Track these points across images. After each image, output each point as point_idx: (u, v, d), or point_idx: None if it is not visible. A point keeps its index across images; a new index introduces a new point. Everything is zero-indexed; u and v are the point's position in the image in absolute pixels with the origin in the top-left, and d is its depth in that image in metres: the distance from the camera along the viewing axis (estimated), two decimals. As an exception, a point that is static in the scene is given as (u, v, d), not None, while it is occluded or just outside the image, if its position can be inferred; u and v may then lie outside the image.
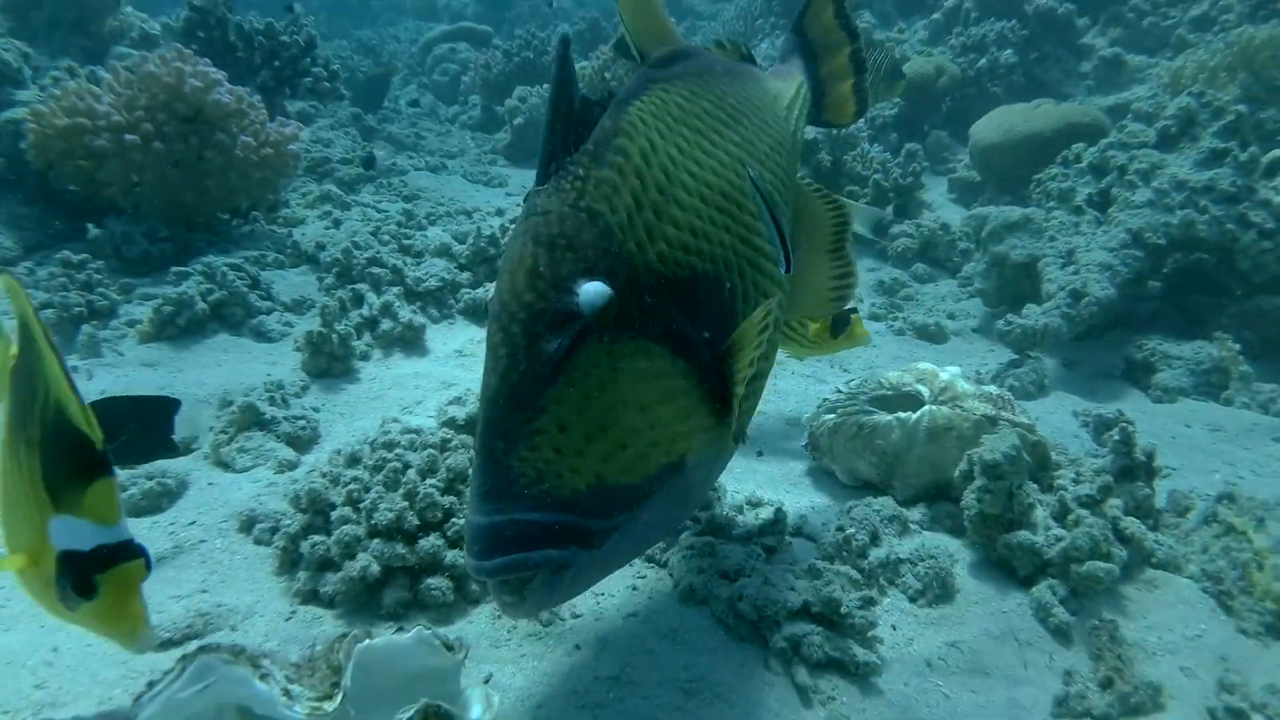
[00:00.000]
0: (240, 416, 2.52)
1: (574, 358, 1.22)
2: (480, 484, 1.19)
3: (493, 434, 1.20)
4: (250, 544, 2.08)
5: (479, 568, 1.18)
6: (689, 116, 1.52)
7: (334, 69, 5.34)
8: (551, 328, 1.20)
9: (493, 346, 1.23)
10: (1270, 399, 3.23)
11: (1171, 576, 2.12)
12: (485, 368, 1.25)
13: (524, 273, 1.22)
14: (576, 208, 1.28)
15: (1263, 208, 3.45)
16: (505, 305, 1.22)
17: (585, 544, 1.21)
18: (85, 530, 1.00)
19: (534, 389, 1.21)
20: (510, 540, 1.18)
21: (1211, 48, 5.15)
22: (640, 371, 1.29)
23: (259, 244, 4.06)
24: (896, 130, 6.51)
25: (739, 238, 1.54)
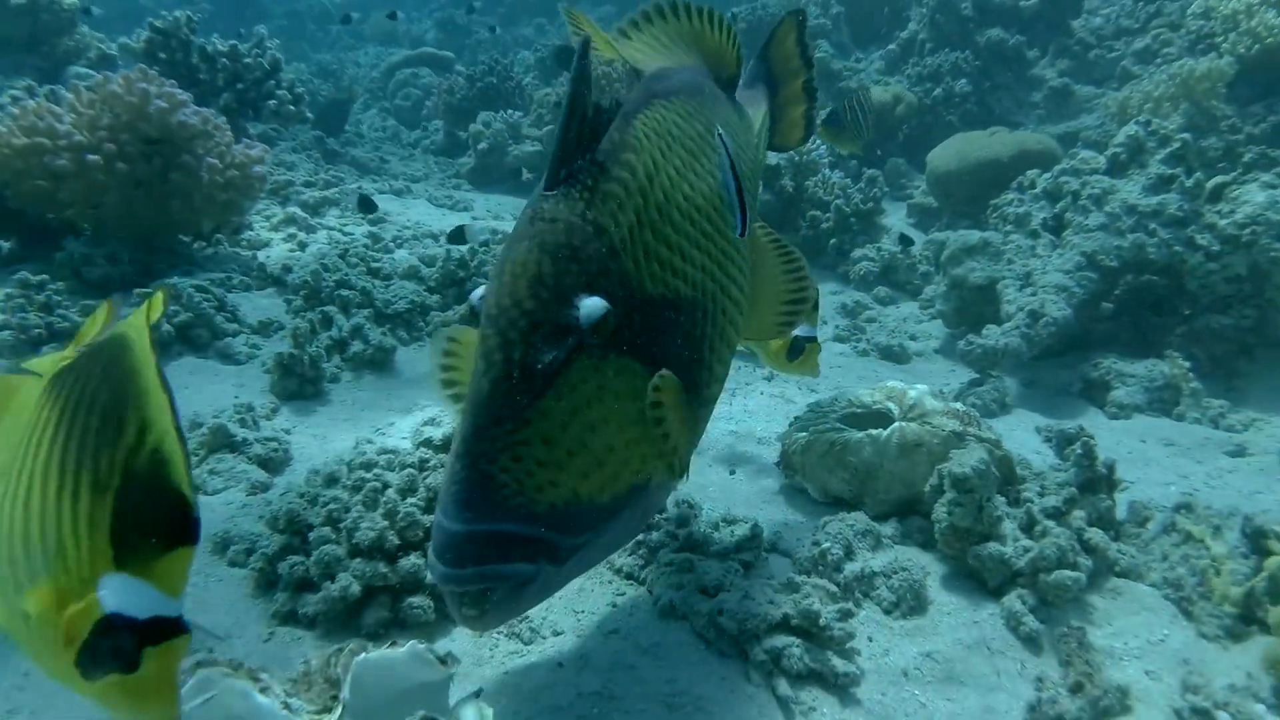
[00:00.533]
0: (211, 438, 2.50)
1: (566, 372, 1.21)
2: (458, 490, 1.17)
3: (477, 439, 1.18)
4: (225, 566, 2.05)
5: (451, 575, 1.16)
6: (684, 137, 1.54)
7: (298, 92, 5.32)
8: (549, 339, 1.19)
9: (487, 351, 1.20)
10: (1220, 414, 3.35)
11: (1134, 584, 2.19)
12: (475, 370, 1.22)
13: (527, 280, 1.20)
14: (584, 219, 1.27)
15: (1208, 231, 3.60)
16: (505, 311, 1.20)
17: (553, 559, 1.21)
18: (147, 597, 0.86)
19: (524, 400, 1.20)
20: (484, 551, 1.16)
21: (1155, 79, 5.37)
22: (623, 390, 1.29)
23: (223, 266, 4.02)
24: (856, 159, 6.66)
25: (716, 262, 1.57)
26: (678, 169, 1.47)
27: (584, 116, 1.31)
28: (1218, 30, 5.51)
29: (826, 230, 5.32)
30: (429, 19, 14.97)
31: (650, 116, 1.47)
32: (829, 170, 5.89)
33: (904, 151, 6.72)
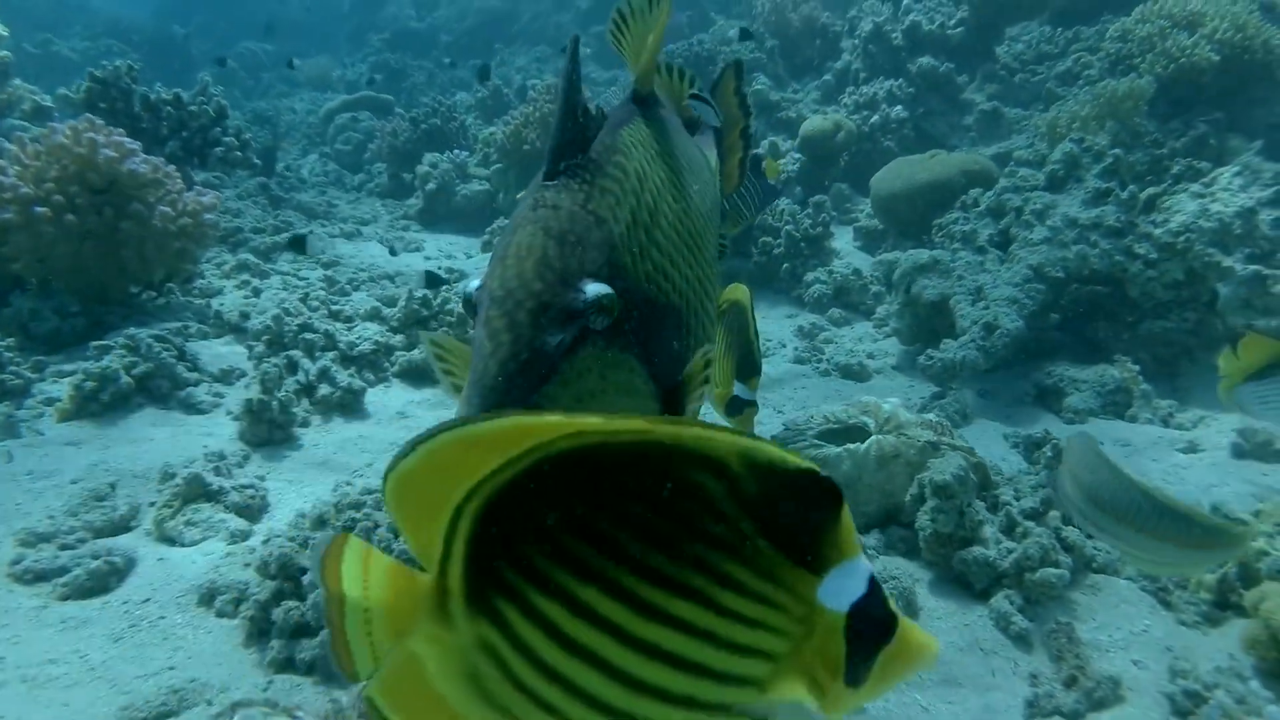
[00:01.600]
0: (185, 488, 2.44)
1: (571, 358, 1.19)
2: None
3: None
4: (213, 617, 2.00)
5: None
6: (665, 155, 1.58)
7: (245, 138, 5.27)
8: (555, 321, 1.17)
9: (493, 333, 1.16)
10: (1169, 413, 3.49)
11: (1112, 579, 2.27)
12: (481, 353, 1.16)
13: (533, 262, 1.18)
14: (585, 209, 1.28)
15: (1145, 240, 3.77)
16: (511, 292, 1.16)
17: None
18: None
19: (532, 382, 1.16)
20: None
21: (1080, 99, 5.62)
22: (622, 385, 1.27)
23: (177, 316, 3.94)
24: (800, 184, 6.81)
25: (698, 279, 1.61)
26: (660, 181, 1.51)
27: (577, 113, 1.31)
28: (1135, 51, 5.80)
29: (778, 256, 5.43)
30: (364, 64, 14.92)
31: (635, 130, 1.49)
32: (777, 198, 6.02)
33: (847, 177, 6.90)
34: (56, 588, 2.07)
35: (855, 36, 7.85)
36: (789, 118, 7.74)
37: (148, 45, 14.78)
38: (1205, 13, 5.66)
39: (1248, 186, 3.81)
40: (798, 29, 9.13)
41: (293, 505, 2.59)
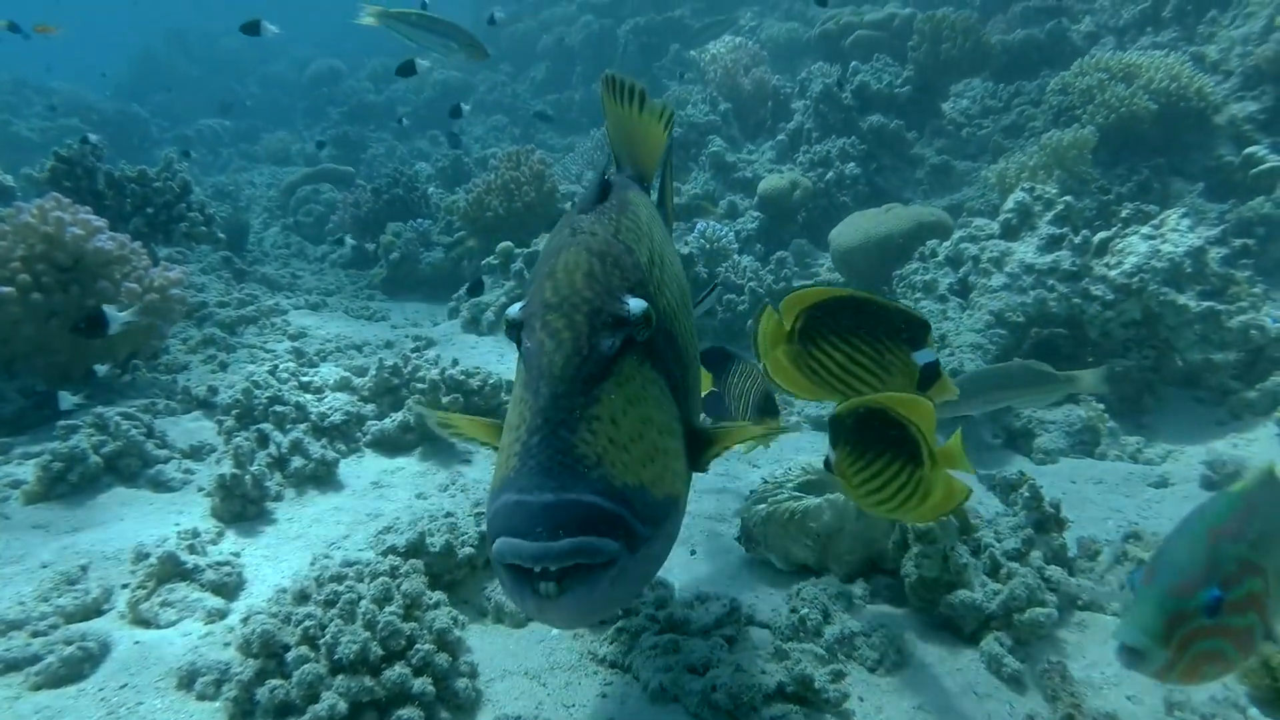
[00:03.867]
0: (160, 568, 2.38)
1: (621, 362, 1.31)
2: (540, 459, 1.17)
3: (555, 409, 1.21)
4: (194, 700, 1.94)
5: (543, 550, 1.10)
6: (655, 222, 1.71)
7: (209, 213, 5.26)
8: (606, 327, 1.30)
9: (554, 332, 1.28)
10: (1137, 450, 3.57)
11: (1097, 615, 2.28)
12: (542, 351, 1.27)
13: (582, 274, 1.34)
14: (617, 238, 1.45)
15: (1101, 282, 3.89)
16: (566, 298, 1.31)
17: (630, 545, 1.18)
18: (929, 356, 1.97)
19: (595, 375, 1.27)
20: (575, 522, 1.12)
21: (1027, 150, 5.84)
22: (657, 399, 1.38)
23: (144, 393, 3.88)
24: (760, 242, 6.94)
25: (689, 331, 1.68)
26: (661, 239, 1.65)
27: (606, 173, 1.60)
28: (1076, 103, 6.06)
29: (743, 313, 5.50)
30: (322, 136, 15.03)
31: (639, 195, 1.71)
32: (738, 255, 6.12)
33: (805, 232, 7.03)
34: (29, 677, 2.00)
35: (806, 97, 8.09)
36: (745, 177, 7.91)
37: (107, 124, 14.77)
38: (1140, 64, 5.94)
39: (1195, 226, 3.97)
40: (749, 92, 9.39)
41: (270, 581, 2.54)
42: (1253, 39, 6.35)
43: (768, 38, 11.55)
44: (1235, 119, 6.01)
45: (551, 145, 12.84)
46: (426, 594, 2.10)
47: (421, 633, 1.98)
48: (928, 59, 7.98)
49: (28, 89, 16.43)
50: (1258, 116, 6.00)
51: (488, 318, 5.77)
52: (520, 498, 1.15)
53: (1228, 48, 6.54)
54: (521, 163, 7.00)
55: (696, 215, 6.89)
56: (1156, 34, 7.60)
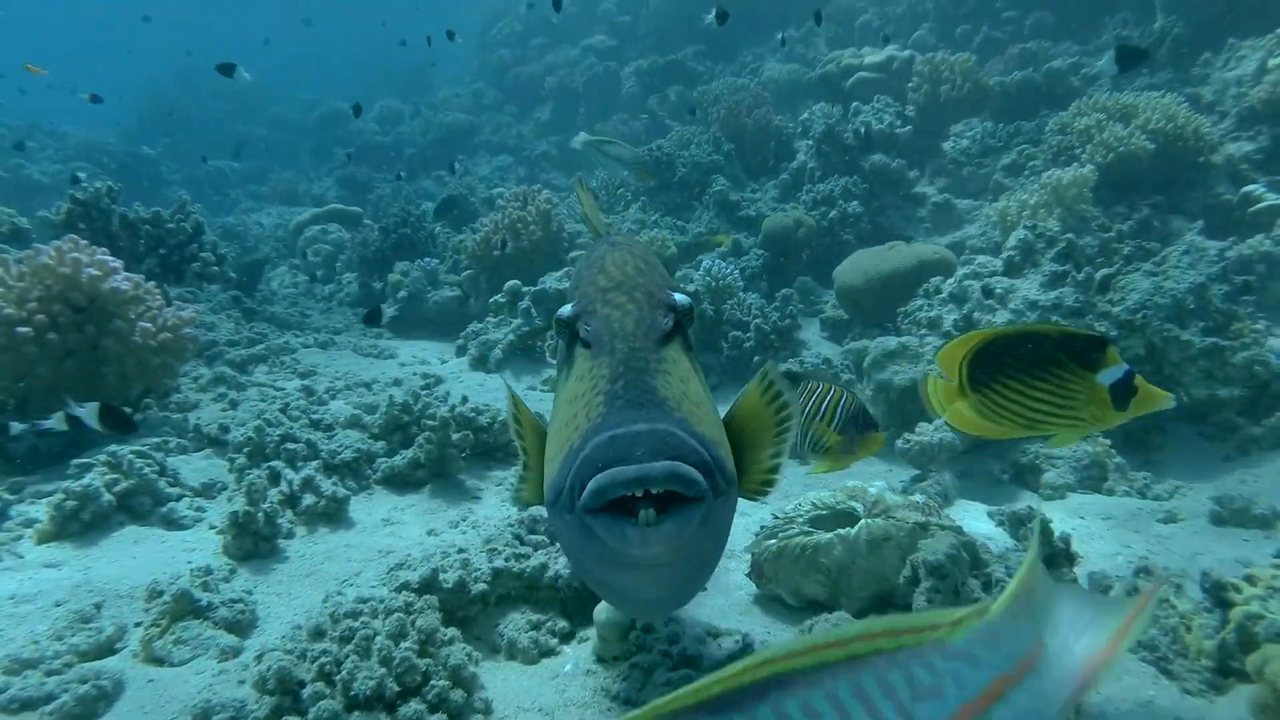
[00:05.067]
0: (174, 606, 2.39)
1: (672, 341, 1.46)
2: (630, 396, 1.27)
3: (634, 358, 1.34)
4: (208, 738, 1.94)
5: (644, 472, 1.15)
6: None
7: (221, 253, 5.34)
8: (661, 306, 1.47)
9: (619, 304, 1.44)
10: (1145, 485, 3.57)
11: (1110, 652, 2.28)
12: (610, 319, 1.43)
13: (632, 267, 1.53)
14: (642, 253, 1.63)
15: (1104, 318, 3.92)
16: (624, 280, 1.49)
17: (714, 487, 1.24)
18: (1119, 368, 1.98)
19: (657, 339, 1.42)
20: (667, 450, 1.18)
21: (1029, 189, 5.92)
22: (703, 385, 1.51)
23: (155, 431, 3.90)
24: (765, 279, 7.00)
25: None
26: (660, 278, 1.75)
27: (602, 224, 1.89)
28: (1075, 143, 6.15)
29: (749, 349, 5.53)
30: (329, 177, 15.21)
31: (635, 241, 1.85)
32: (743, 293, 6.18)
33: (810, 270, 7.10)
34: (43, 716, 2.00)
35: (809, 137, 8.20)
36: (749, 215, 7.99)
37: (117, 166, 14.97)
38: (1137, 105, 6.04)
39: (1196, 264, 4.01)
40: (753, 132, 9.52)
41: (283, 618, 2.55)
42: (1246, 80, 6.47)
43: (769, 79, 11.74)
44: (1232, 158, 6.09)
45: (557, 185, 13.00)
46: (441, 630, 2.11)
47: (437, 669, 1.99)
48: (928, 100, 8.11)
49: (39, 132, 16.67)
50: (1254, 156, 6.09)
51: (495, 355, 5.81)
52: (613, 432, 1.22)
53: (1222, 89, 6.65)
54: (528, 202, 7.09)
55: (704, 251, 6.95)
56: (1152, 75, 7.73)
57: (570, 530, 1.29)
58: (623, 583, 1.36)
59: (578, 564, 1.44)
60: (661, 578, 1.33)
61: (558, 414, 1.45)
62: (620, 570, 1.29)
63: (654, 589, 1.38)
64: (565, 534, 1.36)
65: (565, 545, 1.45)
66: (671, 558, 1.26)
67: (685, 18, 15.34)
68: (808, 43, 13.09)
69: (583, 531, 1.24)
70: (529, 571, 2.46)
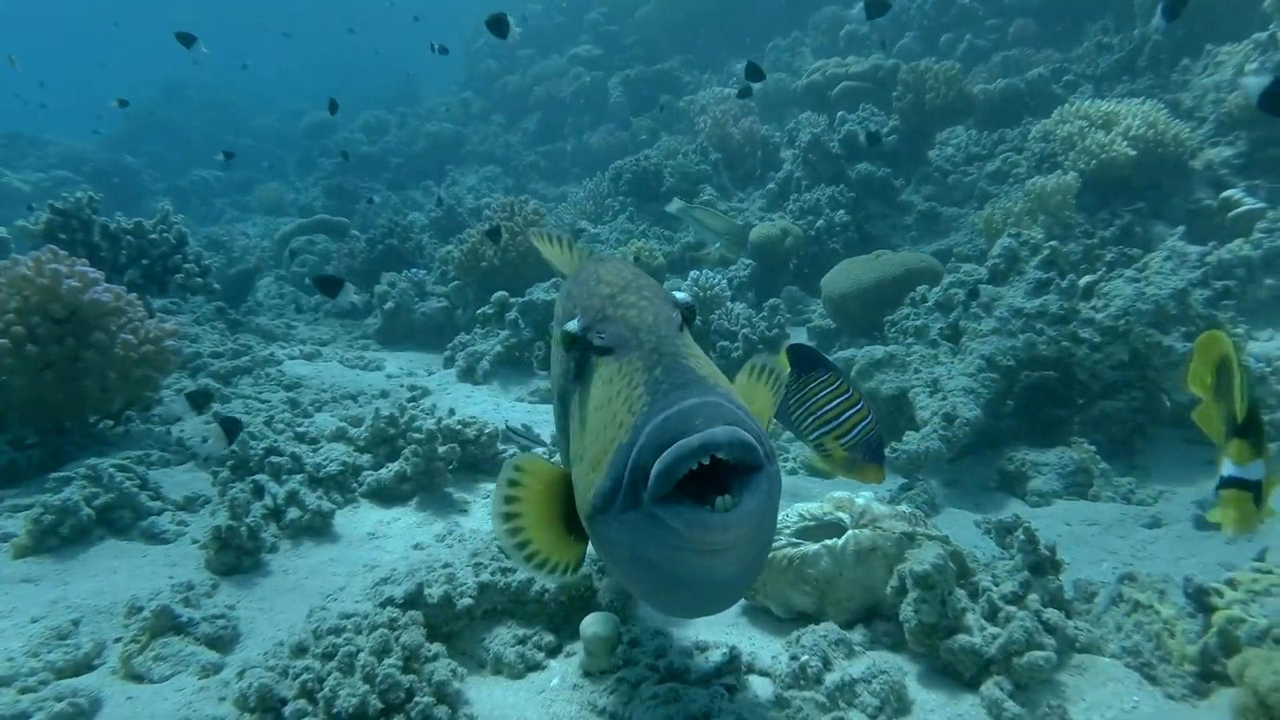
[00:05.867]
0: (154, 622, 2.36)
1: (685, 332, 1.51)
2: (672, 380, 1.31)
3: (665, 343, 1.39)
4: (188, 757, 1.91)
5: (729, 435, 1.19)
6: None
7: (205, 264, 5.30)
8: (670, 302, 1.51)
9: (633, 304, 1.49)
10: (1130, 490, 3.59)
11: (1096, 658, 2.28)
12: (627, 318, 1.47)
13: (630, 271, 1.59)
14: (631, 263, 1.69)
15: (1088, 325, 3.94)
16: (628, 285, 1.54)
17: (770, 460, 1.29)
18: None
19: (677, 330, 1.47)
20: (722, 417, 1.23)
21: (1012, 196, 5.95)
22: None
23: (138, 444, 3.87)
24: (752, 289, 7.01)
25: None
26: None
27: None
28: (1058, 150, 6.19)
29: (737, 359, 5.52)
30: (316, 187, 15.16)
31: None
32: (731, 303, 6.18)
33: (797, 279, 7.11)
34: (19, 736, 1.97)
35: (795, 146, 8.23)
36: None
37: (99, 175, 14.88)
38: (1118, 112, 6.08)
39: (1177, 269, 4.03)
40: (739, 142, 9.55)
41: (265, 634, 2.52)
42: (1224, 86, 6.53)
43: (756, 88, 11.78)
44: (1212, 163, 6.14)
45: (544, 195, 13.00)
46: (425, 646, 2.09)
47: (421, 685, 1.97)
48: (912, 108, 8.15)
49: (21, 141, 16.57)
50: (1233, 161, 6.14)
51: (483, 366, 5.79)
52: (665, 414, 1.25)
53: (1201, 95, 6.71)
54: (516, 212, 7.08)
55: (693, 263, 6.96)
56: (1133, 82, 7.80)
57: (631, 531, 1.29)
58: (694, 573, 1.33)
59: (639, 568, 1.38)
60: (735, 560, 1.33)
61: (585, 426, 1.45)
62: (696, 559, 1.28)
63: (729, 571, 1.36)
64: (624, 537, 1.33)
65: (620, 552, 1.39)
66: (751, 535, 1.28)
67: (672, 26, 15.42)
68: (794, 51, 13.15)
69: (651, 525, 1.24)
70: (515, 585, 2.45)
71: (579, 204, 10.07)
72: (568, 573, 1.56)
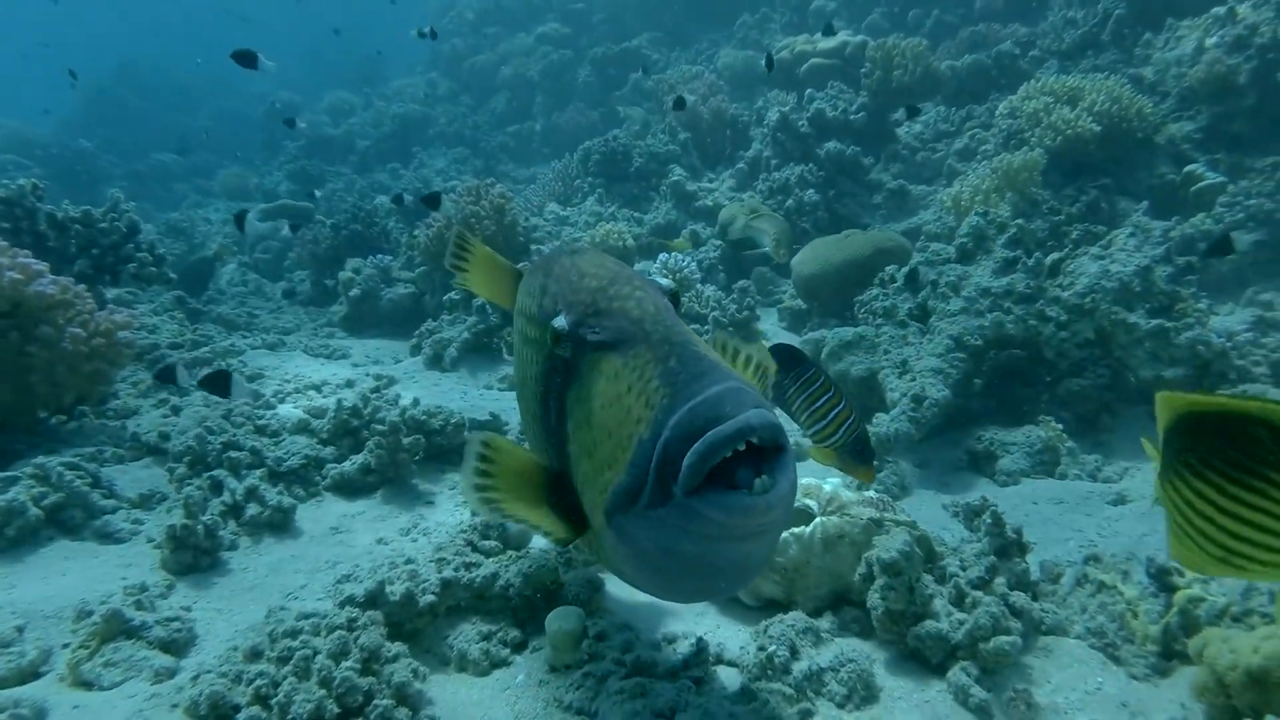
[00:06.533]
0: (104, 626, 2.29)
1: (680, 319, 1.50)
2: (690, 371, 1.30)
3: (674, 333, 1.38)
4: (138, 768, 1.86)
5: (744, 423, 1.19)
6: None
7: (159, 254, 5.15)
8: (657, 288, 1.53)
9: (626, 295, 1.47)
10: (1096, 468, 3.60)
11: (1061, 640, 2.28)
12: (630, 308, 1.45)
13: (613, 263, 1.57)
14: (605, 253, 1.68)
15: (1055, 304, 3.94)
16: (616, 276, 1.52)
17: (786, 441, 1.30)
18: None
19: (676, 312, 1.49)
20: (748, 402, 1.24)
21: (980, 173, 5.94)
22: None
23: (91, 440, 3.77)
24: (724, 270, 6.96)
25: None
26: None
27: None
28: (1025, 126, 6.18)
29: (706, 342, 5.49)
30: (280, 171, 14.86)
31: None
32: (701, 285, 6.14)
33: (767, 260, 7.07)
34: (-40, 752, 1.90)
35: (764, 125, 8.17)
36: (706, 206, 7.95)
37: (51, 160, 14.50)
38: (1083, 88, 6.09)
39: (1141, 246, 4.04)
40: (708, 121, 9.47)
41: (223, 636, 2.46)
42: (1185, 60, 6.54)
43: (724, 66, 11.68)
44: (1174, 138, 6.17)
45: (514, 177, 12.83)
46: (386, 646, 2.05)
47: (380, 687, 1.92)
48: (880, 85, 8.11)
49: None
50: (1194, 135, 6.17)
51: (450, 354, 5.71)
52: (691, 404, 1.24)
53: (1163, 69, 6.73)
54: (482, 196, 6.97)
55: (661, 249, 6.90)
56: (1097, 57, 7.80)
57: (660, 526, 1.28)
58: (731, 559, 1.34)
59: (669, 561, 1.35)
60: (768, 542, 1.37)
61: (591, 425, 1.41)
62: (733, 545, 1.28)
63: (762, 554, 1.39)
64: (652, 532, 1.31)
65: (646, 548, 1.35)
66: (784, 515, 1.30)
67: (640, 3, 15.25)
68: (763, 29, 13.05)
69: (686, 518, 1.24)
70: (479, 581, 2.40)
71: (548, 185, 9.95)
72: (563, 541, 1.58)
